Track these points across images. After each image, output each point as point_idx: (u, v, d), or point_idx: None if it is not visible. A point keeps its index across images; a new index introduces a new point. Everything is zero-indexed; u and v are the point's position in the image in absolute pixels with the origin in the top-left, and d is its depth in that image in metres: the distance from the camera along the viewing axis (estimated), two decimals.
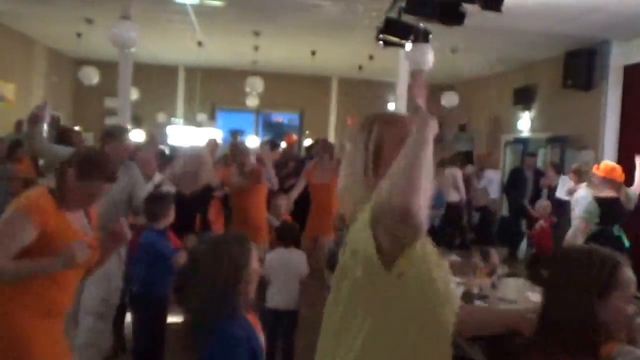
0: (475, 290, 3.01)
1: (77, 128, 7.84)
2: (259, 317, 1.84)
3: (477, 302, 2.87)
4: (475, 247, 4.45)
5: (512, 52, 7.89)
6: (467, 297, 2.83)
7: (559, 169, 6.65)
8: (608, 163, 4.57)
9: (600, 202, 4.12)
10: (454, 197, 6.77)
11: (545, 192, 6.55)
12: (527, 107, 8.44)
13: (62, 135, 5.07)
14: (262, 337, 1.77)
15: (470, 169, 7.73)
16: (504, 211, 7.86)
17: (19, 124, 6.79)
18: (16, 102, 8.27)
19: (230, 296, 1.67)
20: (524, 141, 8.57)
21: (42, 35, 8.81)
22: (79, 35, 7.95)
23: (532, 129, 8.44)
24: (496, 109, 9.59)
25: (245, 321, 1.72)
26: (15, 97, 8.25)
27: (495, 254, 3.17)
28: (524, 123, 8.57)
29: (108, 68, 8.28)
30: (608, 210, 4.10)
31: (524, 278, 3.46)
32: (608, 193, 4.19)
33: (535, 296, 3.16)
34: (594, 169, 4.44)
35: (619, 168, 4.35)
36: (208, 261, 1.69)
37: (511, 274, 3.53)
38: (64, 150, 2.85)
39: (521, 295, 3.15)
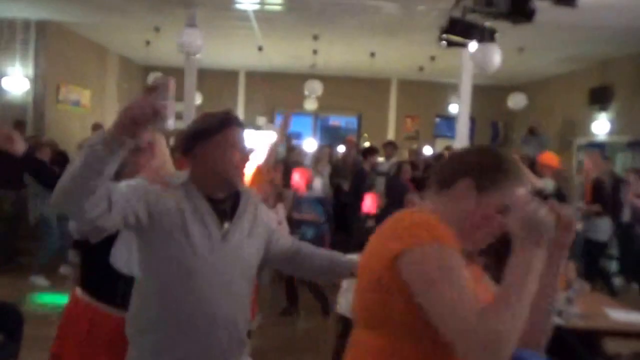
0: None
1: None
2: None
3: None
4: None
5: (585, 49, 7.40)
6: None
7: None
8: None
9: None
10: None
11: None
12: (603, 108, 7.89)
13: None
14: None
15: None
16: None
17: (96, 127, 7.18)
18: (91, 108, 8.80)
19: None
20: (600, 145, 8.01)
21: (114, 44, 9.31)
22: (147, 43, 8.32)
23: (610, 132, 7.87)
24: (568, 111, 9.03)
25: None
26: (90, 103, 8.77)
27: (572, 267, 2.95)
28: (600, 125, 8.02)
29: (174, 74, 8.55)
30: None
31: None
32: None
33: (615, 313, 2.91)
34: None
35: None
36: None
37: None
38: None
39: (600, 311, 2.91)
